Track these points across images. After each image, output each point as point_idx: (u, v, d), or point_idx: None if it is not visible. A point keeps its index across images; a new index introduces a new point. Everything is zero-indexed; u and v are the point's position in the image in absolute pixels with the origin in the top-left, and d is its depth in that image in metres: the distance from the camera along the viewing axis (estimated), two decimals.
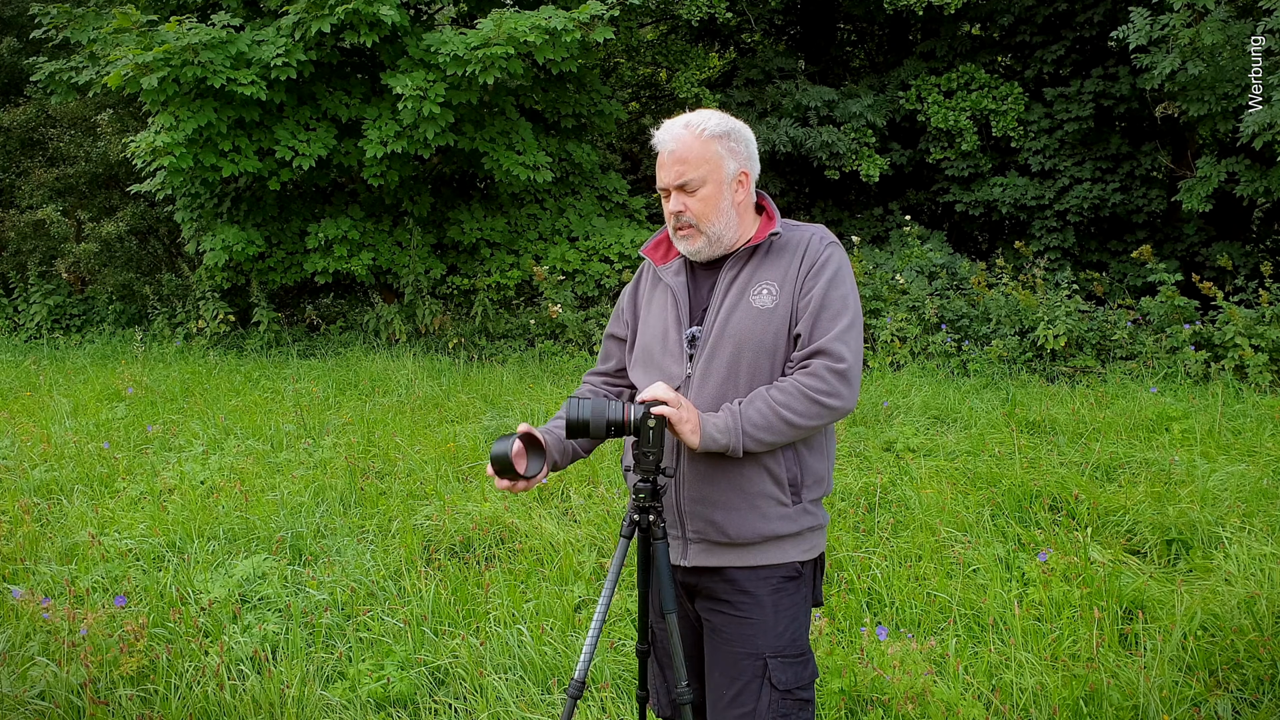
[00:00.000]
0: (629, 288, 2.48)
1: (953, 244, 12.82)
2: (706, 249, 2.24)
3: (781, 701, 2.17)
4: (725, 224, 2.21)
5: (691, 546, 2.23)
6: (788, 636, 2.20)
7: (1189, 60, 9.13)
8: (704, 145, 2.18)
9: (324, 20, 9.29)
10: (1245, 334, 8.24)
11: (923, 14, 11.66)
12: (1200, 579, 4.08)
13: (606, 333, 2.51)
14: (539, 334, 10.78)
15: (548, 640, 3.63)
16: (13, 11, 14.49)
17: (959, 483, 5.41)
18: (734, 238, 2.25)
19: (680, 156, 2.18)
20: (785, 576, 2.22)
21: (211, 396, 8.34)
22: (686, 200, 2.19)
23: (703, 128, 2.19)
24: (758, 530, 2.18)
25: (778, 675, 2.17)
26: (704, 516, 2.20)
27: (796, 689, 2.18)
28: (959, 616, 3.81)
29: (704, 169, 2.18)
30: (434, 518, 4.99)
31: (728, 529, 2.18)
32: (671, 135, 2.20)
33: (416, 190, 11.47)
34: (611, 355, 2.50)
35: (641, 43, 14.11)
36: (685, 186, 2.19)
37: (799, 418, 2.09)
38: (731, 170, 2.21)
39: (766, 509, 2.18)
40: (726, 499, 2.18)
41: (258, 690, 3.33)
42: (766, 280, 2.20)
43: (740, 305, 2.20)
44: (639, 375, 2.34)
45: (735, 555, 2.21)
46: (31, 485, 5.72)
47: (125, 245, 13.78)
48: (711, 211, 2.19)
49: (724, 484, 2.18)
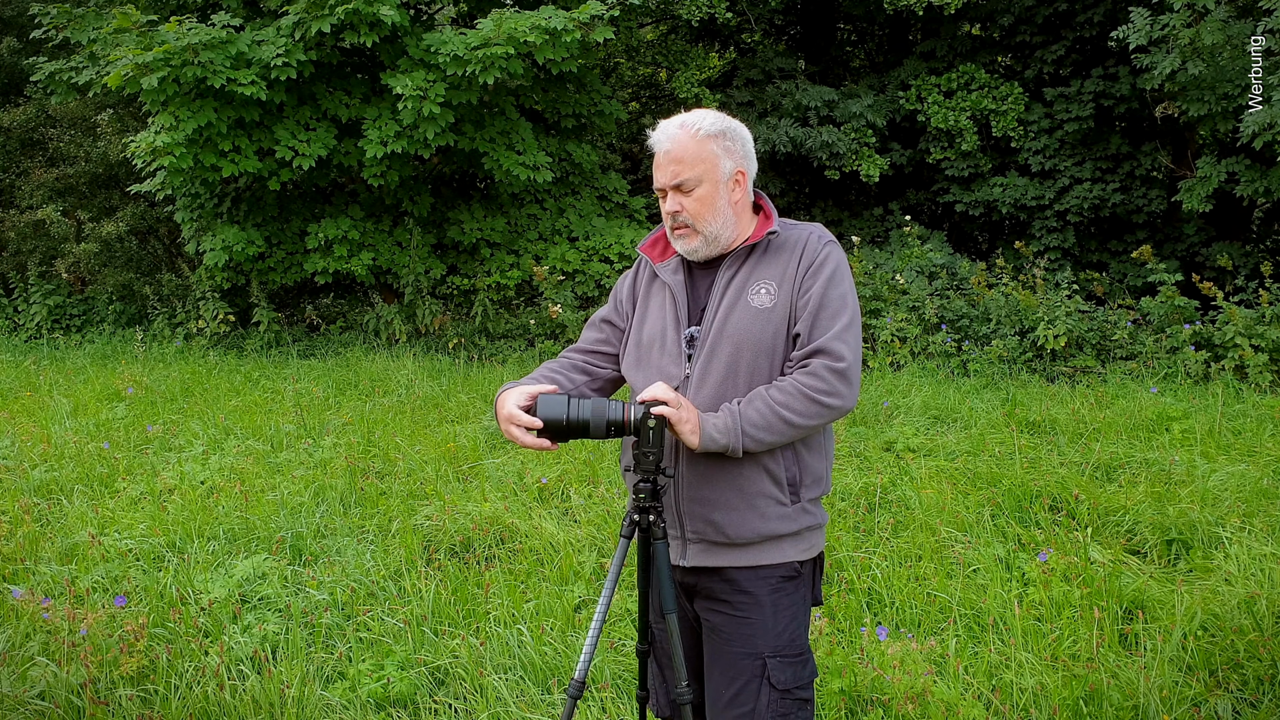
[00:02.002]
0: (626, 277, 2.45)
1: (953, 244, 12.82)
2: (704, 249, 2.23)
3: (781, 701, 2.17)
4: (722, 223, 2.21)
5: (690, 546, 2.23)
6: (786, 636, 2.20)
7: (1189, 60, 9.13)
8: (699, 145, 2.17)
9: (324, 20, 9.29)
10: (1245, 334, 8.24)
11: (923, 14, 11.66)
12: (1200, 579, 4.08)
13: (600, 316, 2.44)
14: (539, 334, 10.78)
15: (548, 640, 3.63)
16: (13, 11, 14.49)
17: (959, 483, 5.41)
18: (731, 237, 2.24)
19: (676, 156, 2.18)
20: (784, 576, 2.22)
21: (211, 396, 8.34)
22: (683, 200, 2.19)
23: (698, 127, 2.18)
24: (756, 530, 2.18)
25: (776, 675, 2.17)
26: (703, 516, 2.19)
27: (796, 688, 2.18)
28: (959, 616, 3.81)
29: (700, 168, 2.17)
30: (434, 518, 4.99)
31: (726, 529, 2.18)
32: (667, 135, 2.20)
33: (416, 190, 11.47)
34: (600, 337, 2.41)
35: (641, 43, 14.11)
36: (681, 186, 2.18)
37: (799, 417, 2.09)
38: (728, 169, 2.20)
39: (765, 509, 2.18)
40: (725, 499, 2.17)
41: (258, 690, 3.32)
42: (765, 279, 2.20)
43: (739, 305, 2.19)
44: (635, 375, 2.32)
45: (734, 555, 2.20)
46: (31, 485, 5.72)
47: (125, 245, 13.78)
48: (708, 211, 2.19)
49: (723, 484, 2.17)
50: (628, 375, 2.37)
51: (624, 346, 2.39)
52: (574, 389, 2.35)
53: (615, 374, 2.41)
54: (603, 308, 2.47)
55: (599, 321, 2.45)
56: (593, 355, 2.42)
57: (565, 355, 2.45)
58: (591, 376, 2.40)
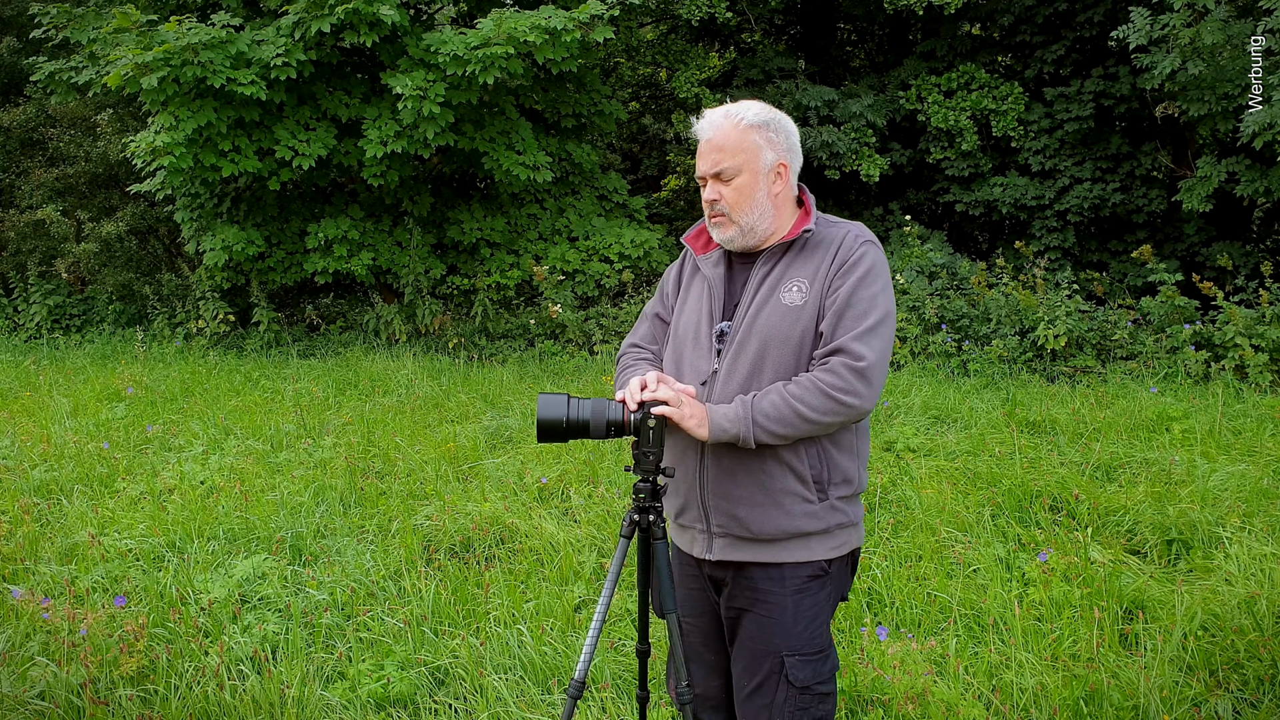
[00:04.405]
0: (673, 269, 2.46)
1: (953, 244, 12.81)
2: (739, 239, 2.23)
3: (799, 697, 2.20)
4: (759, 215, 2.21)
5: (716, 541, 2.23)
6: (805, 636, 2.21)
7: (1189, 60, 9.13)
8: (741, 134, 2.17)
9: (324, 20, 9.29)
10: (1245, 334, 8.23)
11: (923, 14, 11.65)
12: (1200, 579, 4.08)
13: (651, 311, 2.47)
14: (539, 334, 10.78)
15: (548, 640, 3.63)
16: (13, 11, 14.49)
17: (959, 483, 5.40)
18: (768, 229, 2.24)
19: (717, 145, 2.18)
20: (810, 576, 2.22)
21: (211, 396, 8.34)
22: (721, 189, 2.18)
23: (741, 117, 2.18)
24: (781, 526, 2.18)
25: (794, 673, 2.19)
26: (728, 512, 2.20)
27: (815, 684, 2.21)
28: (959, 616, 3.81)
29: (740, 158, 2.17)
30: (434, 518, 4.99)
31: (750, 525, 2.18)
32: (710, 123, 2.20)
33: (416, 190, 11.47)
34: (656, 336, 2.46)
35: (641, 43, 14.10)
36: (721, 175, 2.18)
37: (813, 412, 2.08)
38: (769, 161, 2.19)
39: (790, 505, 2.17)
40: (750, 495, 2.18)
41: (258, 690, 3.32)
42: (798, 277, 2.19)
43: (770, 302, 2.19)
44: (670, 368, 2.34)
45: (759, 551, 2.20)
46: (31, 485, 5.72)
47: (125, 245, 13.78)
48: (745, 202, 2.19)
49: (747, 480, 2.17)
50: (665, 368, 2.37)
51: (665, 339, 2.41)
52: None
53: None
54: (653, 300, 2.49)
55: (651, 315, 2.48)
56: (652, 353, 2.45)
57: (630, 348, 2.46)
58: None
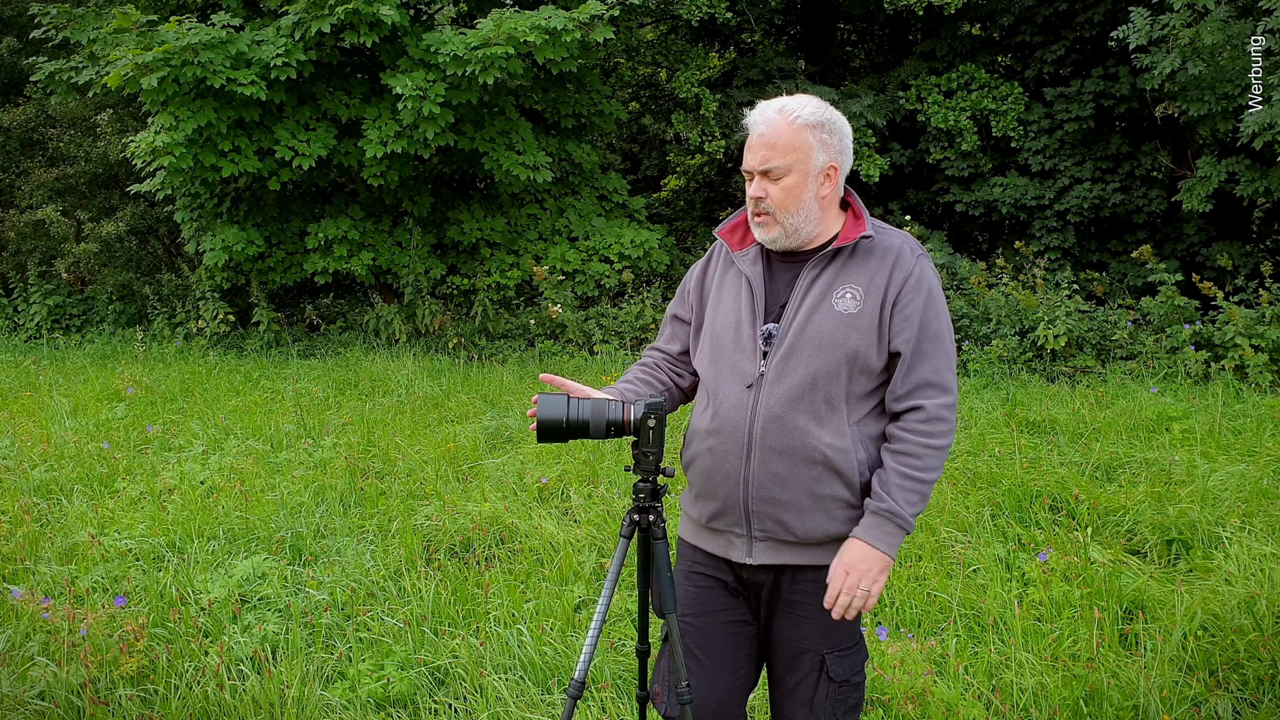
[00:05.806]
0: (697, 267, 2.38)
1: (953, 244, 12.81)
2: (782, 239, 2.16)
3: (839, 690, 2.22)
4: (805, 216, 2.14)
5: (757, 545, 2.20)
6: (844, 631, 2.23)
7: (1189, 60, 9.13)
8: (795, 133, 2.10)
9: (324, 20, 9.29)
10: (1245, 334, 8.23)
11: (923, 14, 11.65)
12: (1200, 579, 4.08)
13: (670, 313, 2.42)
14: (539, 334, 10.78)
15: (548, 640, 3.63)
16: (13, 11, 14.49)
17: (959, 483, 5.40)
18: (812, 232, 2.17)
19: (769, 141, 2.11)
20: None
21: (211, 396, 8.34)
22: (768, 187, 2.11)
23: (796, 115, 2.11)
24: (825, 531, 2.16)
25: (835, 669, 2.21)
26: (771, 516, 2.16)
27: (852, 676, 2.23)
28: (959, 616, 3.81)
29: (791, 157, 2.10)
30: (434, 518, 4.99)
31: (795, 528, 2.16)
32: (763, 118, 2.13)
33: (416, 190, 11.47)
34: (676, 337, 2.41)
35: (641, 43, 14.09)
36: (769, 173, 2.11)
37: (935, 471, 2.12)
38: (820, 162, 2.12)
39: (835, 510, 2.15)
40: (797, 500, 2.15)
41: (258, 690, 3.32)
42: (851, 284, 2.13)
43: (822, 307, 2.12)
44: (709, 371, 2.26)
45: (801, 554, 2.19)
46: (31, 485, 5.72)
47: (125, 245, 13.78)
48: (792, 202, 2.12)
49: (796, 487, 2.14)
50: (700, 368, 2.31)
51: (696, 338, 2.34)
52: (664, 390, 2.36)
53: (696, 379, 2.38)
54: (673, 300, 2.43)
55: (671, 318, 2.43)
56: (675, 361, 2.42)
57: (650, 352, 2.44)
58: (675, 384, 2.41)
